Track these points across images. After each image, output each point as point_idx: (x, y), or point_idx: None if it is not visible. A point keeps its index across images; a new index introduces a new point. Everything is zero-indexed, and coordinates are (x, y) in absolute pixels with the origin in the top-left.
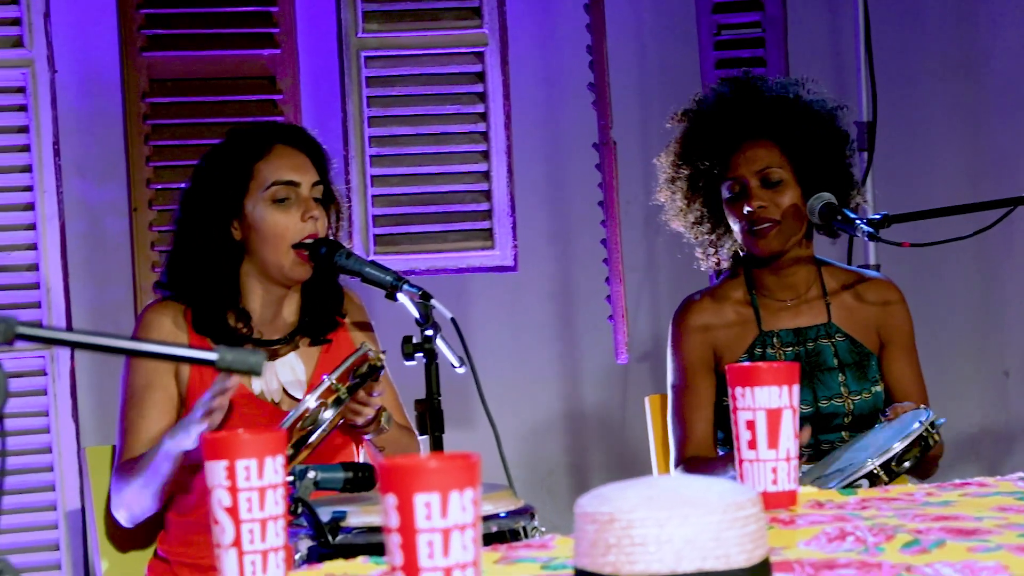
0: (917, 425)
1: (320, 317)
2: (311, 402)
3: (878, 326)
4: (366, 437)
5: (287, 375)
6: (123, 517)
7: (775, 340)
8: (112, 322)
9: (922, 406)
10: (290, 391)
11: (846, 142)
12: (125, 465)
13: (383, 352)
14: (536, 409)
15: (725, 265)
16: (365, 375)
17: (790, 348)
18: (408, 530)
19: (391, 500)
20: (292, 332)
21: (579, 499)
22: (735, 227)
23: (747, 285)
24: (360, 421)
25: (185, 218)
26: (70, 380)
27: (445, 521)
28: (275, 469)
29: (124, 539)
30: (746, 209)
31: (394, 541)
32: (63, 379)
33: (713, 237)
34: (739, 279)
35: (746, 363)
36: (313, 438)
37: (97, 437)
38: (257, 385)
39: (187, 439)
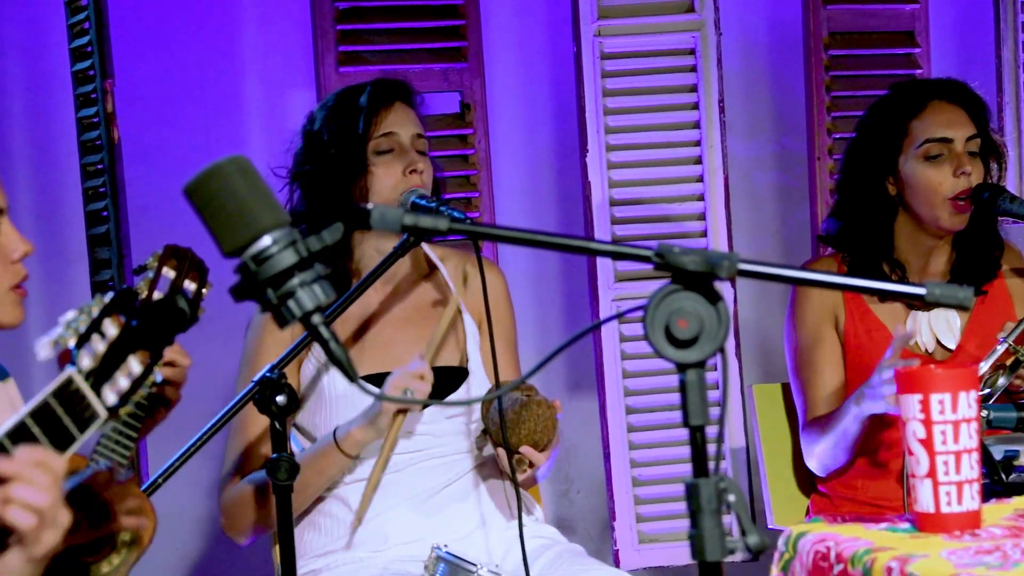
0: None
1: (976, 266)
2: (984, 369)
3: None
4: None
5: (940, 326)
6: (814, 467)
7: None
8: None
9: None
10: (943, 342)
11: None
12: (812, 423)
13: None
14: None
15: None
16: None
17: None
18: None
19: None
20: (946, 283)
21: None
22: None
23: None
24: None
25: (847, 172)
26: (734, 319)
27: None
28: (968, 404)
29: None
30: None
31: None
32: None
33: None
34: None
35: None
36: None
37: (759, 375)
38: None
39: (872, 404)
